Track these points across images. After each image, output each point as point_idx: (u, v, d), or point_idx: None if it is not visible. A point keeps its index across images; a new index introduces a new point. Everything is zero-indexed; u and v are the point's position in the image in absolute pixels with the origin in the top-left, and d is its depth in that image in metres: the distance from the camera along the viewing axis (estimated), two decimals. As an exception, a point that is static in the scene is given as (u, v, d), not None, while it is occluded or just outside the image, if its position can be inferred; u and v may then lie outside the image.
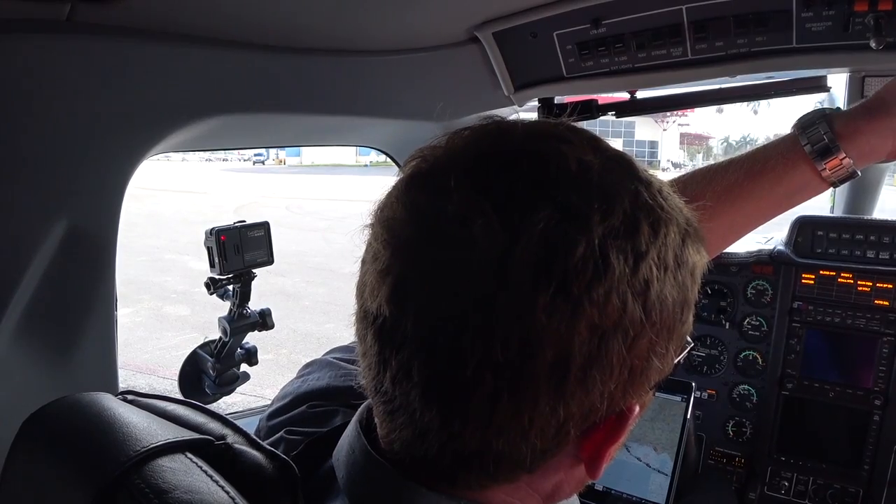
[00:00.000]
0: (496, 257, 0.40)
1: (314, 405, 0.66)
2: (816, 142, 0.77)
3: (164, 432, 0.51)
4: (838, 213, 1.76)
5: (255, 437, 0.55)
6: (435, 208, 0.43)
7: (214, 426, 0.55)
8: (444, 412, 0.43)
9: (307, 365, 0.75)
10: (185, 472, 0.48)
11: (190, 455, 0.50)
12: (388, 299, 0.43)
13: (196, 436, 0.52)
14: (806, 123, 0.79)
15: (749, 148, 0.87)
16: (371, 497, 0.50)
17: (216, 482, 0.47)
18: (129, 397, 0.58)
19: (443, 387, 0.43)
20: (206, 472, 0.48)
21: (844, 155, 0.76)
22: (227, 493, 0.47)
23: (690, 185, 0.84)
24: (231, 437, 0.54)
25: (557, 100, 1.38)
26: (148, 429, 0.50)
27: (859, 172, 0.78)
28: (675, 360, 0.50)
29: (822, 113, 0.78)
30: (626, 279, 0.41)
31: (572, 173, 0.43)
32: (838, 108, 0.80)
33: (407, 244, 0.44)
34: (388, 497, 0.49)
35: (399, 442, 0.47)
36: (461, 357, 0.41)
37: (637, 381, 0.45)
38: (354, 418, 0.54)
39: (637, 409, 0.48)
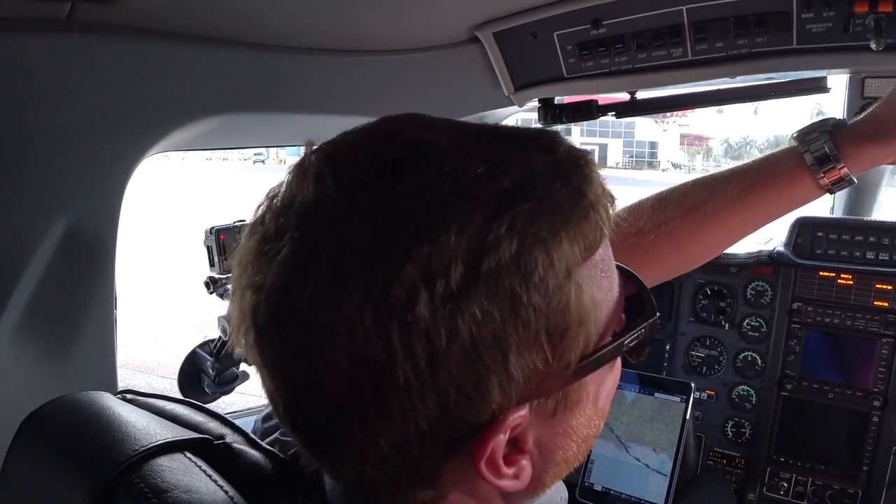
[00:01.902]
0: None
1: None
2: (821, 160, 0.78)
3: (163, 432, 0.51)
4: (838, 213, 1.76)
5: (253, 436, 0.55)
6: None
7: (213, 425, 0.55)
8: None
9: None
10: (184, 471, 0.48)
11: (189, 454, 0.50)
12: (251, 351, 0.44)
13: (195, 435, 0.52)
14: (809, 139, 0.79)
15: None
16: None
17: (215, 482, 0.47)
18: (129, 396, 0.58)
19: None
20: (204, 471, 0.48)
21: (847, 170, 0.78)
22: (226, 492, 0.47)
23: (692, 193, 0.84)
24: (230, 437, 0.54)
25: (557, 100, 1.38)
26: (147, 428, 0.51)
27: (856, 180, 0.79)
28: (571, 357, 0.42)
29: (825, 128, 0.79)
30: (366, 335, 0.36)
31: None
32: (844, 121, 0.80)
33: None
34: None
35: None
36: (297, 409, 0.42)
37: (467, 407, 0.39)
38: None
39: (525, 418, 0.42)
